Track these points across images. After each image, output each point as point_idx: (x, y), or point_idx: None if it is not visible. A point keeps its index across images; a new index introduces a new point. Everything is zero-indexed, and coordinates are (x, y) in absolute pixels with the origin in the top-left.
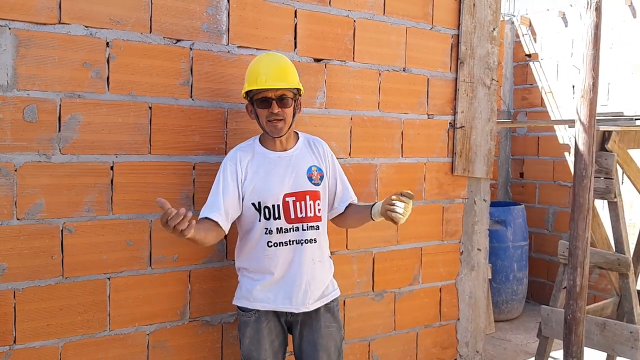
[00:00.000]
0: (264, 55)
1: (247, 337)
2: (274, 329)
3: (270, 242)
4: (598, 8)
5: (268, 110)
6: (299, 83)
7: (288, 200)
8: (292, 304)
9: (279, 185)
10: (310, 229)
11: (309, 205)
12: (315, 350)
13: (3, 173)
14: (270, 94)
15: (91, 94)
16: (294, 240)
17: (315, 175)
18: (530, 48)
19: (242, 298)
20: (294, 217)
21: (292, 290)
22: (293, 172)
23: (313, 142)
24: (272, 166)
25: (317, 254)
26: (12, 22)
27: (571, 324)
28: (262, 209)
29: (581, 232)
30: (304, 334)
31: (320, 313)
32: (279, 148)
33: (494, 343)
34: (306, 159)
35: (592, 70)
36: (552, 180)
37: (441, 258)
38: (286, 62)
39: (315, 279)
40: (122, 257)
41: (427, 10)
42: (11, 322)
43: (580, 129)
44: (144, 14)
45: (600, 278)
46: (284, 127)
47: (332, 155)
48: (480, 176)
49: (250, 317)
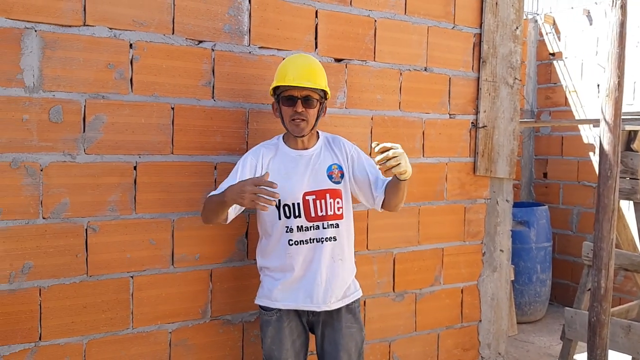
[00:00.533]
0: (296, 55)
1: (269, 336)
2: (296, 329)
3: (291, 240)
4: (623, 5)
5: (292, 109)
6: (326, 86)
7: (308, 198)
8: (313, 302)
9: (299, 184)
10: (330, 227)
11: (329, 203)
12: (337, 351)
13: (29, 173)
14: (296, 93)
15: (115, 94)
16: (314, 238)
17: (336, 174)
18: (554, 47)
19: (263, 297)
20: (314, 215)
21: (313, 288)
22: (313, 170)
23: (332, 140)
24: (293, 164)
25: (337, 252)
26: (38, 25)
27: (595, 327)
28: (282, 207)
29: (606, 234)
30: (325, 333)
31: (342, 313)
32: (300, 147)
33: (517, 345)
34: (326, 157)
35: (617, 68)
36: (577, 180)
37: (463, 259)
38: (316, 64)
39: (335, 277)
40: (145, 256)
41: (448, 10)
42: (37, 319)
43: (605, 129)
44: (167, 15)
45: (625, 280)
46: (305, 128)
47: (355, 148)
48: (503, 176)
49: (271, 316)
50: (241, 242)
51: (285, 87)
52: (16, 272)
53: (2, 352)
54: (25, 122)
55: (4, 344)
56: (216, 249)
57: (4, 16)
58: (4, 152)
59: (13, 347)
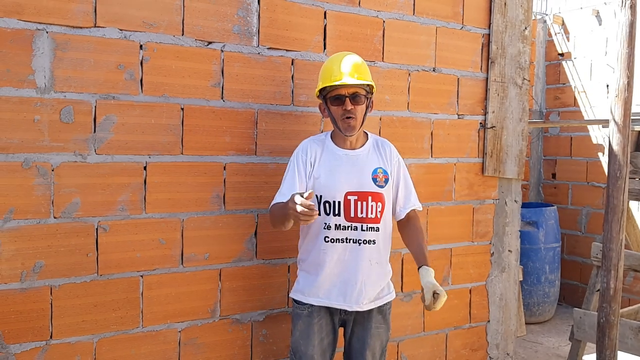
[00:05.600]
0: (338, 54)
1: (298, 329)
2: (325, 327)
3: (327, 237)
4: (633, 6)
5: (342, 108)
6: (371, 80)
7: (350, 198)
8: (345, 301)
9: (342, 183)
10: (369, 230)
11: (370, 206)
12: (363, 349)
13: (41, 173)
14: (344, 92)
15: (125, 95)
16: (351, 239)
17: (380, 177)
18: (563, 47)
19: (297, 292)
20: (353, 215)
21: (347, 288)
22: (358, 171)
23: (381, 144)
24: (338, 163)
25: (375, 256)
26: (49, 26)
27: (604, 328)
28: (323, 204)
29: (615, 234)
30: (354, 330)
31: (373, 314)
32: (347, 146)
33: (525, 346)
34: (373, 159)
35: (626, 69)
36: (586, 181)
37: (471, 259)
38: (359, 60)
39: (370, 279)
40: (155, 255)
41: (457, 10)
42: (48, 318)
43: (615, 129)
44: (176, 16)
45: (634, 281)
46: (356, 125)
47: (400, 159)
48: (512, 177)
49: (303, 310)
50: (250, 241)
51: (331, 87)
52: (28, 271)
53: (13, 350)
54: (36, 122)
55: (15, 342)
56: (225, 249)
57: (16, 17)
58: (15, 152)
59: (24, 345)
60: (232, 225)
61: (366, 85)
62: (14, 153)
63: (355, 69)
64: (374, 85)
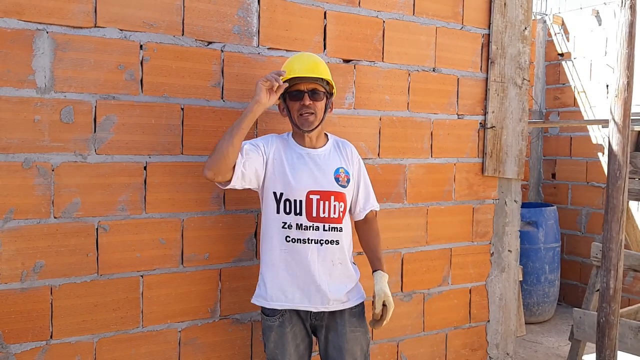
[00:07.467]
0: (299, 54)
1: (272, 341)
2: (299, 333)
3: (288, 237)
4: (633, 6)
5: (300, 103)
6: (330, 79)
7: (312, 197)
8: (311, 302)
9: (304, 181)
10: (332, 230)
11: (332, 205)
12: (341, 355)
13: (41, 173)
14: (303, 87)
15: (125, 95)
16: (313, 239)
17: (342, 177)
18: (563, 47)
19: (259, 297)
20: (315, 215)
21: (310, 289)
22: (320, 170)
23: (342, 144)
24: (299, 161)
25: (338, 256)
26: (49, 26)
27: (604, 328)
28: (282, 201)
29: (615, 234)
30: (329, 338)
31: (346, 318)
32: (308, 145)
33: (525, 345)
34: (334, 159)
35: (626, 69)
36: (585, 181)
37: (471, 259)
38: (319, 59)
39: (334, 279)
40: (155, 255)
41: (457, 10)
42: (48, 318)
43: (614, 129)
44: (177, 17)
45: (634, 281)
46: (314, 121)
47: (360, 160)
48: (511, 177)
49: (274, 322)
50: (250, 241)
51: (291, 84)
52: (28, 271)
53: (14, 350)
54: (37, 122)
55: (15, 342)
56: (225, 249)
57: (16, 17)
58: (16, 152)
59: (25, 345)
60: (232, 225)
61: (326, 84)
62: (14, 153)
63: (315, 66)
64: (334, 85)
